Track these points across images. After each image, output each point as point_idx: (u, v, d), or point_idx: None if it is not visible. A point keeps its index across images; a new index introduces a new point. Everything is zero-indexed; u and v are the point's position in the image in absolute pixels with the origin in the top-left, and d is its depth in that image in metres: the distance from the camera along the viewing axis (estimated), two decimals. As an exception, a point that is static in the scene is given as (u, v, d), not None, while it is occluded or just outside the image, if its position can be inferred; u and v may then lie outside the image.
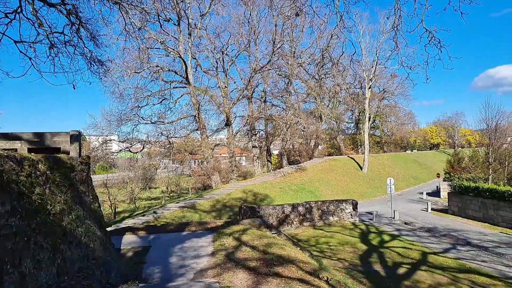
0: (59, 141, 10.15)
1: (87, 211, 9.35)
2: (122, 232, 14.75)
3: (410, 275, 14.90)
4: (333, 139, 74.85)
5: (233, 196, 33.32)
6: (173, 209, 28.80)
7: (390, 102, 76.38)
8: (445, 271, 15.25)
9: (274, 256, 10.19)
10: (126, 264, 10.36)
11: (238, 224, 15.23)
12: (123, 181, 52.28)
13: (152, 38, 39.60)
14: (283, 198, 35.20)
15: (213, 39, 45.36)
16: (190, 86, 41.44)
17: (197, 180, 58.27)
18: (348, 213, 26.91)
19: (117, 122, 39.89)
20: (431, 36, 6.76)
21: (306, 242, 20.77)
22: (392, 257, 17.45)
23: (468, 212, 27.76)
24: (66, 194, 8.02)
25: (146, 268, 10.02)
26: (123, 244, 12.93)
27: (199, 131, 43.62)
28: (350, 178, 47.88)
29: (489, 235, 22.11)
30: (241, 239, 12.46)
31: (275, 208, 24.80)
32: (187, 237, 13.58)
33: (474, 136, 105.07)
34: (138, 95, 41.44)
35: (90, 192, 9.92)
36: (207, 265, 9.81)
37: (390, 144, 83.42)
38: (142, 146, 44.34)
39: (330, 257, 17.49)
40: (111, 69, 36.81)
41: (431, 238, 21.74)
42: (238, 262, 9.73)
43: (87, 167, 10.12)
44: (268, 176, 43.29)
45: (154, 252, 11.63)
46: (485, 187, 26.02)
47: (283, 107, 51.91)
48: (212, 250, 11.30)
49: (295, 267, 9.32)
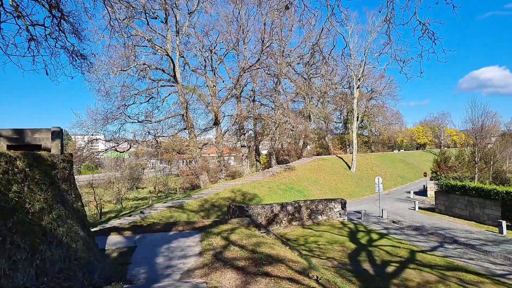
0: (40, 138, 9.78)
1: (69, 210, 9.03)
2: (107, 232, 14.39)
3: (399, 273, 14.86)
4: (322, 139, 75.07)
5: (221, 196, 33.05)
6: (161, 209, 28.42)
7: (378, 102, 77.03)
8: (433, 269, 15.25)
9: (263, 256, 9.99)
10: (110, 264, 10.05)
11: (226, 224, 15.00)
12: (110, 181, 51.55)
13: (139, 35, 39.04)
14: (272, 197, 35.06)
15: (201, 37, 45.03)
16: (178, 85, 41.00)
17: (185, 179, 57.78)
18: (336, 212, 26.88)
19: (103, 120, 39.21)
20: (424, 28, 6.62)
21: (295, 241, 20.65)
22: (380, 255, 17.41)
23: (454, 211, 27.99)
24: (46, 193, 7.70)
25: (131, 268, 9.73)
26: (107, 244, 12.59)
27: (187, 130, 43.18)
28: (338, 177, 47.99)
29: (475, 233, 22.28)
30: (229, 238, 12.23)
31: (264, 208, 24.63)
32: (174, 237, 13.31)
33: (460, 136, 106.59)
34: (125, 93, 40.85)
35: (73, 190, 9.58)
36: (194, 265, 9.57)
37: (378, 144, 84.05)
38: (129, 145, 43.69)
39: (319, 256, 17.37)
40: (97, 67, 36.35)
41: (418, 237, 21.81)
42: (226, 261, 9.51)
43: (70, 165, 9.78)
44: (257, 176, 43.11)
45: (140, 253, 11.34)
46: (472, 185, 26.26)
47: (272, 106, 51.77)
48: (200, 250, 11.05)
49: (284, 266, 9.13)
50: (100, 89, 39.14)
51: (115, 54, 38.45)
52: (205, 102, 46.04)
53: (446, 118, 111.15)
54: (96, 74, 37.06)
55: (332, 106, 73.13)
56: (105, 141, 41.99)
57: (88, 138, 42.84)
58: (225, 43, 46.13)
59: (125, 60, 38.12)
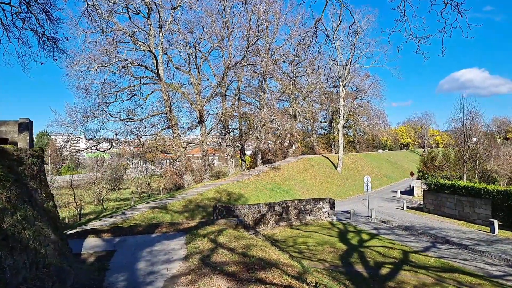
0: (6, 131, 8.77)
1: (39, 211, 8.05)
2: (84, 234, 13.35)
3: (394, 275, 14.24)
4: (307, 138, 74.74)
5: (206, 196, 32.11)
6: (143, 210, 27.36)
7: (363, 102, 77.03)
8: (429, 270, 14.68)
9: (255, 259, 9.17)
10: (86, 271, 9.08)
11: (213, 225, 14.12)
12: (90, 181, 49.94)
13: (120, 30, 37.73)
14: (258, 197, 34.26)
15: (185, 34, 43.86)
16: (161, 82, 39.80)
17: (169, 179, 56.60)
18: (325, 212, 26.26)
19: (83, 118, 37.70)
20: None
21: (283, 242, 19.90)
22: (373, 256, 16.79)
23: (443, 210, 27.67)
24: (9, 191, 6.73)
25: (109, 275, 8.79)
26: (84, 248, 11.59)
27: (171, 129, 41.96)
28: (325, 177, 47.52)
29: (466, 232, 21.91)
30: (217, 240, 11.37)
31: (251, 208, 23.82)
32: (157, 239, 12.38)
33: (442, 136, 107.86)
34: (106, 90, 39.44)
35: (43, 189, 8.58)
36: (179, 271, 8.68)
37: (363, 144, 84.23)
38: (110, 144, 42.26)
39: (309, 258, 16.66)
40: (76, 62, 34.92)
41: (410, 237, 21.32)
42: (214, 266, 8.65)
43: (40, 160, 8.78)
44: (243, 176, 42.26)
45: (119, 257, 10.39)
46: (461, 184, 25.93)
47: (257, 105, 50.95)
48: (185, 254, 10.16)
49: (279, 271, 8.33)
50: (79, 86, 37.66)
51: (95, 49, 37.08)
52: (189, 100, 44.93)
53: (430, 118, 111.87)
54: (76, 70, 35.60)
55: (317, 105, 72.82)
56: (85, 140, 40.51)
57: (68, 137, 41.18)
58: (210, 40, 45.19)
59: (106, 55, 36.77)
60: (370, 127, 75.81)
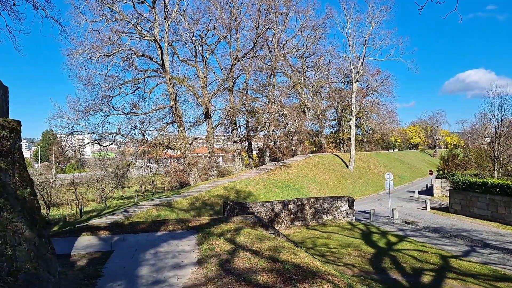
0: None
1: (10, 200, 6.06)
2: (77, 232, 11.36)
3: (439, 284, 12.20)
4: (315, 137, 72.59)
5: (213, 194, 30.16)
6: (147, 207, 25.53)
7: (373, 99, 74.60)
8: (479, 279, 12.60)
9: (290, 266, 7.14)
10: (72, 278, 7.07)
11: (227, 222, 12.10)
12: (93, 179, 48.15)
13: (124, 20, 35.82)
14: (268, 195, 32.22)
15: (191, 25, 41.81)
16: (167, 74, 37.83)
17: (174, 177, 54.80)
18: (343, 212, 24.19)
19: (85, 111, 35.90)
20: None
21: (301, 244, 17.85)
22: (407, 261, 14.73)
23: (473, 211, 25.39)
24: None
25: (102, 284, 6.80)
26: (75, 248, 9.59)
27: (176, 123, 39.98)
28: (336, 175, 45.36)
29: (506, 235, 19.69)
30: (235, 241, 9.35)
31: (264, 205, 21.83)
32: (163, 238, 10.37)
33: (452, 137, 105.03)
34: (109, 83, 37.61)
35: (16, 171, 6.57)
36: (193, 280, 6.67)
37: (372, 143, 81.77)
38: (113, 137, 40.35)
39: (334, 262, 14.65)
40: (77, 51, 33.09)
41: (442, 239, 19.18)
42: (239, 275, 6.63)
43: (14, 135, 6.77)
44: (251, 173, 40.22)
45: (117, 260, 8.40)
46: (495, 182, 23.57)
47: (265, 101, 48.83)
48: (198, 257, 8.16)
49: (327, 284, 6.27)
50: (81, 76, 35.79)
51: (98, 39, 35.17)
52: (195, 94, 42.96)
53: (441, 117, 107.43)
54: (76, 59, 33.76)
55: (326, 102, 70.53)
56: (87, 133, 38.67)
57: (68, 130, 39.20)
58: (217, 31, 43.16)
59: (109, 44, 34.90)
60: (380, 126, 73.18)
